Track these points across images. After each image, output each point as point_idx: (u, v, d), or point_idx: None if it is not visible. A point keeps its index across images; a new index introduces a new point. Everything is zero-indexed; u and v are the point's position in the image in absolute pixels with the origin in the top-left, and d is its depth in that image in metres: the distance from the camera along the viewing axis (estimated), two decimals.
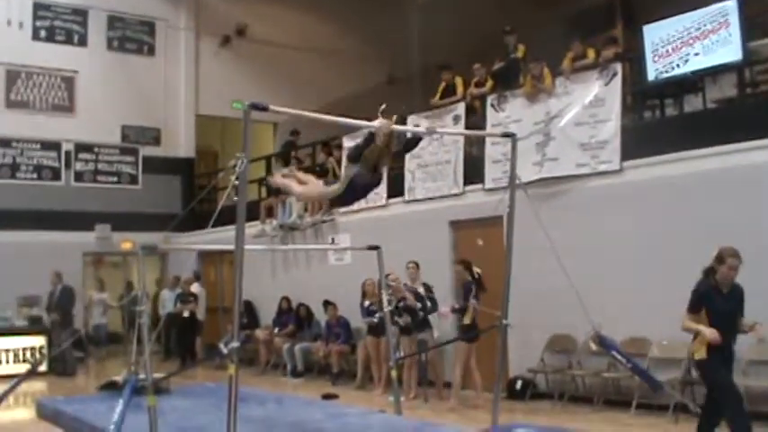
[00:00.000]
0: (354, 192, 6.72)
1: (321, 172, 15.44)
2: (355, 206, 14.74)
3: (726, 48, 10.28)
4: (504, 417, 8.82)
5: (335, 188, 6.81)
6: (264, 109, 6.05)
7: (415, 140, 7.20)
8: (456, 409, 11.11)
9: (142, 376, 7.32)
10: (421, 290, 12.12)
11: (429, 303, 12.10)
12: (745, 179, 9.55)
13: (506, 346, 9.75)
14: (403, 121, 10.91)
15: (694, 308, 7.33)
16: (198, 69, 21.53)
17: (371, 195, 14.28)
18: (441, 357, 12.50)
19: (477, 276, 11.27)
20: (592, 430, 9.30)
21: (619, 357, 7.92)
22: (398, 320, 12.00)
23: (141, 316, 7.60)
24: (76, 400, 11.05)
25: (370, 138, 6.36)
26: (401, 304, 11.98)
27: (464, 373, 11.41)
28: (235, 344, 5.94)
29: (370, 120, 6.56)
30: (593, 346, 9.79)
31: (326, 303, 14.67)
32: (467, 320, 11.25)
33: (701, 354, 7.31)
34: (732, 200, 9.64)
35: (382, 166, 6.54)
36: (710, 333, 7.09)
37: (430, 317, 12.24)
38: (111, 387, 10.81)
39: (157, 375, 8.17)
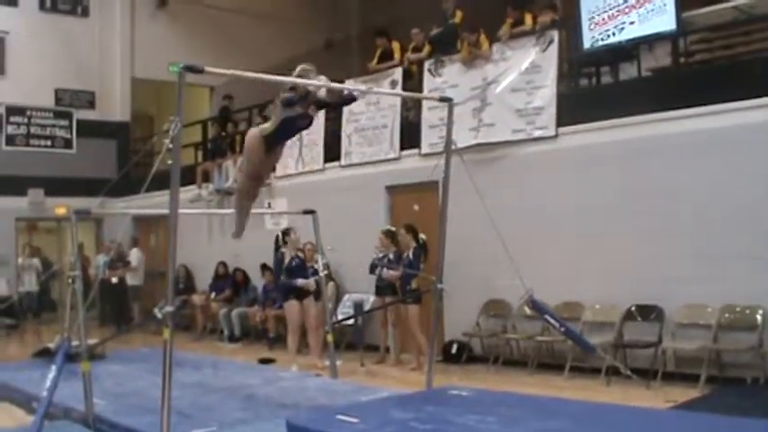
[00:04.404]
0: (286, 131, 6.91)
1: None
2: (292, 170, 14.77)
3: (660, 17, 10.33)
4: (440, 380, 8.90)
5: (267, 126, 6.90)
6: (200, 71, 6.02)
7: (351, 98, 7.95)
8: (393, 373, 11.22)
9: (76, 342, 7.26)
10: (391, 257, 11.98)
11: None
12: (678, 146, 9.66)
13: (442, 310, 9.82)
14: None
15: None
16: (134, 32, 21.04)
17: (308, 159, 14.47)
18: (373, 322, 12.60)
19: (422, 242, 11.32)
20: (526, 393, 9.43)
21: (552, 321, 8.04)
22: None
23: (74, 282, 7.53)
24: (9, 368, 10.96)
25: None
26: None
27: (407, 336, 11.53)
28: (169, 308, 5.93)
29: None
30: (528, 311, 9.94)
31: (263, 268, 14.58)
32: (415, 285, 11.26)
33: None
34: (665, 167, 9.76)
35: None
36: None
37: None
38: (45, 354, 10.73)
39: (92, 341, 8.10)
